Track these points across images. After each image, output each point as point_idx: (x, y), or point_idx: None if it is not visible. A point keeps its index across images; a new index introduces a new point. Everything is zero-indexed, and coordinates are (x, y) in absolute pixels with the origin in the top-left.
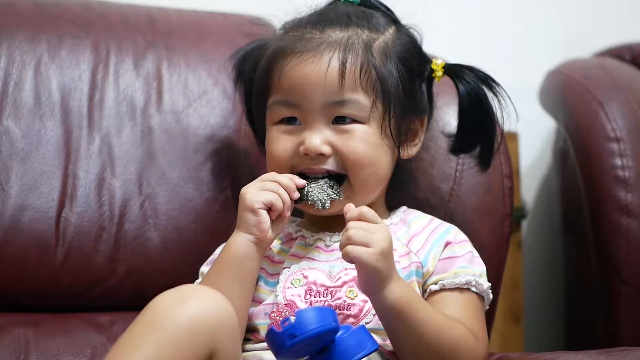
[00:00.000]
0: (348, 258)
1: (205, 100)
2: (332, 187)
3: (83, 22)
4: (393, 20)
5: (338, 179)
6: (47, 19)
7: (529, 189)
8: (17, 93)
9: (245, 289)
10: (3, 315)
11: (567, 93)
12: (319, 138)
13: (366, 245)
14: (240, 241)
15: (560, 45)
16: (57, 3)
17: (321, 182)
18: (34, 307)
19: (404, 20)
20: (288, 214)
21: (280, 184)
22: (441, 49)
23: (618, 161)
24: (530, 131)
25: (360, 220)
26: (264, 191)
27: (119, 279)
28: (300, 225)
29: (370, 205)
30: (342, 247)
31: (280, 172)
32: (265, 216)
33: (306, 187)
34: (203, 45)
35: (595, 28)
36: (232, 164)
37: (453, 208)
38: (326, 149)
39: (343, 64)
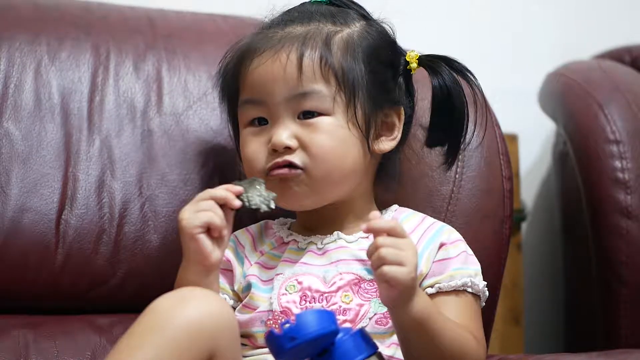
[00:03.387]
0: (384, 279)
1: (205, 102)
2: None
3: (83, 24)
4: (363, 16)
5: None
6: (47, 21)
7: (528, 191)
8: (17, 95)
9: None
10: (3, 317)
11: (566, 95)
12: (285, 132)
13: (400, 264)
14: (187, 273)
15: (560, 47)
16: (58, 5)
17: (255, 183)
18: (33, 308)
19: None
20: (225, 231)
21: (215, 199)
22: (440, 50)
23: (618, 163)
24: (530, 133)
25: (389, 234)
26: (199, 212)
27: (119, 281)
28: (292, 229)
29: (353, 202)
30: (374, 266)
31: (254, 173)
32: (204, 241)
33: (244, 194)
34: (203, 47)
35: (594, 30)
36: (233, 166)
37: (453, 210)
38: (292, 142)
39: (300, 57)
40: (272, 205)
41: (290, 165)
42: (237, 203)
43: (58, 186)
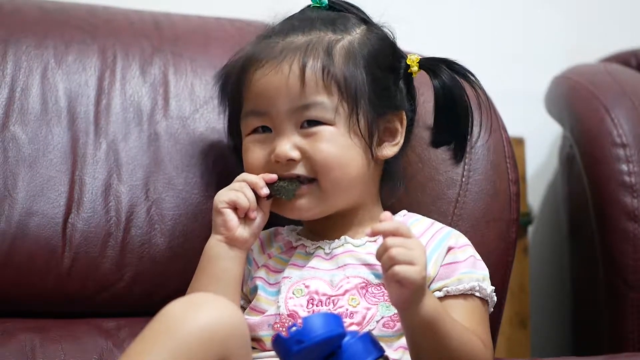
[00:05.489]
0: (396, 279)
1: (211, 106)
2: (302, 182)
3: (89, 27)
4: (363, 20)
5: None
6: (53, 25)
7: (535, 195)
8: (24, 99)
9: (223, 288)
10: (9, 320)
11: (573, 99)
12: (288, 144)
13: (410, 263)
14: (212, 242)
15: (567, 50)
16: (64, 9)
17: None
18: (40, 312)
19: (410, 26)
20: (253, 214)
21: (247, 182)
22: (447, 53)
23: (624, 167)
24: (537, 137)
25: (395, 235)
26: (230, 191)
27: (126, 285)
28: (301, 234)
29: (360, 208)
30: (385, 267)
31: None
32: (229, 214)
33: (277, 183)
34: (209, 50)
35: (601, 34)
36: (239, 170)
37: (459, 214)
38: (295, 154)
39: (303, 68)
40: (293, 194)
41: (299, 177)
42: (265, 191)
43: (65, 190)
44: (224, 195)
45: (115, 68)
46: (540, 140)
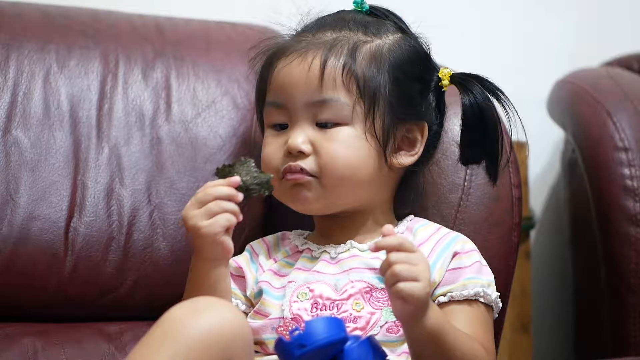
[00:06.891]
0: (399, 295)
1: (214, 110)
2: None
3: (92, 32)
4: (401, 28)
5: None
6: (56, 29)
7: (537, 199)
8: (26, 103)
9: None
10: (12, 325)
11: (575, 103)
12: (301, 137)
13: (415, 279)
14: (208, 268)
15: (569, 55)
16: (66, 13)
17: (245, 165)
18: (42, 316)
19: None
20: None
21: (220, 198)
22: (449, 58)
23: (626, 171)
24: (539, 141)
25: (399, 250)
26: (217, 217)
27: (128, 289)
28: (308, 238)
29: (370, 213)
30: (389, 283)
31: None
32: (227, 241)
33: (242, 183)
34: (212, 55)
35: (603, 38)
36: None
37: (462, 218)
38: (306, 147)
39: (324, 63)
40: (271, 189)
41: (302, 170)
42: (240, 197)
43: (67, 194)
44: (215, 226)
45: (118, 72)
46: (542, 144)
